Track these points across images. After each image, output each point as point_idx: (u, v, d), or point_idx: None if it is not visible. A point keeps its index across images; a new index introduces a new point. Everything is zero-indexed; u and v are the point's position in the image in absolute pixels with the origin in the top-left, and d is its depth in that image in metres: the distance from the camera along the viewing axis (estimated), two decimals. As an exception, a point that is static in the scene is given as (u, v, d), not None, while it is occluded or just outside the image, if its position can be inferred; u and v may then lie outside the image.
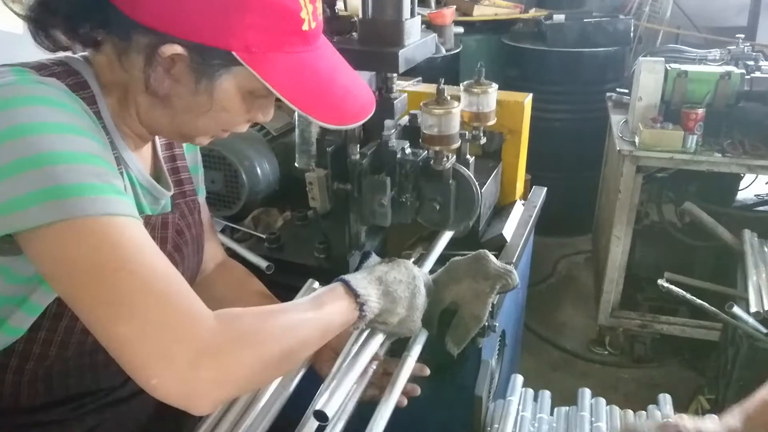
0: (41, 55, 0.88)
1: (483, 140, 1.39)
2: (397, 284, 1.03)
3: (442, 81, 1.22)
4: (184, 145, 1.12)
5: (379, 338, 1.05)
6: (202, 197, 1.19)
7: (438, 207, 1.28)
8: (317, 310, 0.90)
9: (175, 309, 0.74)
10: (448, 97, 1.22)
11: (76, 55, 0.90)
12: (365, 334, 1.05)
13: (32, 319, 0.86)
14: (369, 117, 0.93)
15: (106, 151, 0.81)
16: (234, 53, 0.80)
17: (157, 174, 1.04)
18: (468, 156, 1.36)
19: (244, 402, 1.01)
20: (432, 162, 1.25)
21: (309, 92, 0.85)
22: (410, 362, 1.08)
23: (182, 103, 0.86)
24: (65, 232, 0.72)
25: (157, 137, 1.05)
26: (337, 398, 0.92)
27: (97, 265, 0.72)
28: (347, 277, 0.99)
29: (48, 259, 0.74)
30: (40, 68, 0.84)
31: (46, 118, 0.75)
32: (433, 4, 3.51)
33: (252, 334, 0.79)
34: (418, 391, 1.13)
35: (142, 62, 0.83)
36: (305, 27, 0.84)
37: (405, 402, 1.10)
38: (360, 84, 0.95)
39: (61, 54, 0.89)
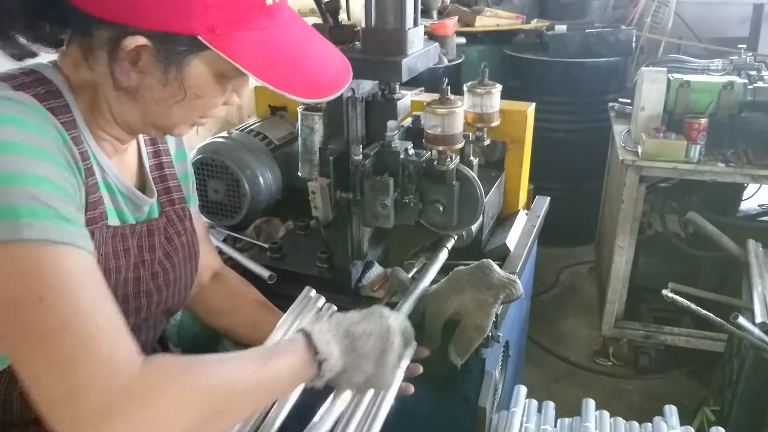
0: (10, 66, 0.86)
1: (487, 141, 1.38)
2: (366, 338, 0.93)
3: (446, 80, 1.22)
4: (172, 153, 1.11)
5: (345, 397, 0.96)
6: (194, 206, 1.18)
7: (441, 208, 1.26)
8: (263, 365, 0.82)
9: (92, 351, 0.68)
10: (452, 97, 1.21)
11: (45, 62, 0.88)
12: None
13: None
14: (346, 88, 0.90)
15: (65, 170, 0.78)
16: (199, 37, 0.78)
17: (141, 180, 1.03)
18: (472, 158, 1.36)
19: None
20: (435, 163, 1.24)
21: (280, 68, 0.82)
22: (399, 373, 1.03)
23: (153, 95, 0.84)
24: None
25: (142, 143, 1.04)
26: None
27: (13, 295, 0.68)
28: (311, 329, 0.91)
29: None
30: (9, 79, 0.82)
31: None
32: (435, 15, 3.52)
33: (176, 389, 0.70)
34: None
35: (106, 58, 0.81)
36: (269, 1, 0.82)
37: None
38: (335, 55, 0.92)
39: (30, 62, 0.87)
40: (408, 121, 1.41)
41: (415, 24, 1.23)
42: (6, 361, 0.86)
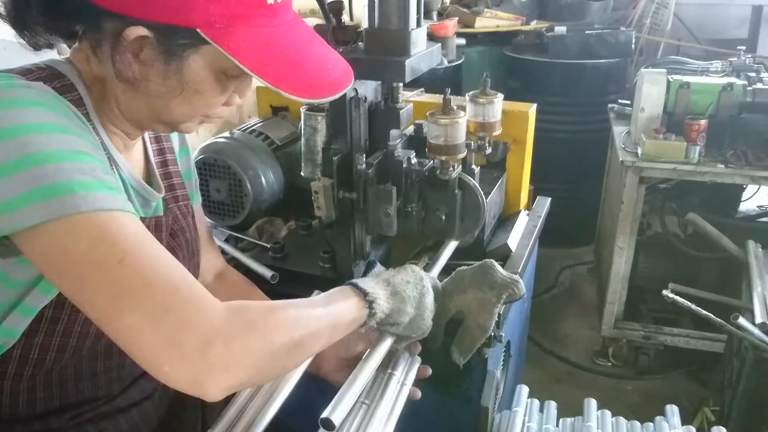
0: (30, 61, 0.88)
1: (488, 150, 1.39)
2: (405, 285, 1.04)
3: (449, 91, 1.22)
4: (176, 150, 1.11)
5: (387, 343, 1.05)
6: (197, 204, 1.18)
7: (444, 217, 1.28)
8: (326, 306, 0.91)
9: (181, 296, 0.74)
10: (455, 107, 1.22)
11: (59, 58, 0.89)
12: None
13: (27, 321, 0.85)
14: (346, 90, 0.90)
15: (96, 150, 0.81)
16: (198, 30, 0.79)
17: (148, 176, 1.03)
18: (474, 166, 1.36)
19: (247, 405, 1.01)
20: (438, 172, 1.25)
21: (280, 66, 0.83)
22: (405, 391, 1.07)
23: (154, 87, 0.85)
24: (61, 230, 0.72)
25: (147, 141, 1.04)
26: (343, 406, 0.91)
27: (98, 259, 0.72)
28: (355, 280, 1.00)
29: (47, 259, 0.74)
30: (26, 73, 0.84)
31: (31, 120, 0.75)
32: (435, 16, 3.52)
33: (261, 323, 0.79)
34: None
35: (110, 49, 0.82)
36: (269, 0, 0.82)
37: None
38: (336, 59, 0.93)
39: (45, 58, 0.88)
40: (410, 130, 1.41)
41: (419, 24, 1.23)
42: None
